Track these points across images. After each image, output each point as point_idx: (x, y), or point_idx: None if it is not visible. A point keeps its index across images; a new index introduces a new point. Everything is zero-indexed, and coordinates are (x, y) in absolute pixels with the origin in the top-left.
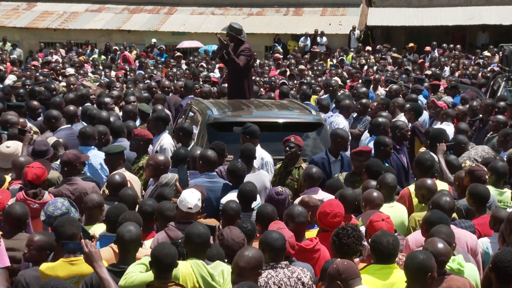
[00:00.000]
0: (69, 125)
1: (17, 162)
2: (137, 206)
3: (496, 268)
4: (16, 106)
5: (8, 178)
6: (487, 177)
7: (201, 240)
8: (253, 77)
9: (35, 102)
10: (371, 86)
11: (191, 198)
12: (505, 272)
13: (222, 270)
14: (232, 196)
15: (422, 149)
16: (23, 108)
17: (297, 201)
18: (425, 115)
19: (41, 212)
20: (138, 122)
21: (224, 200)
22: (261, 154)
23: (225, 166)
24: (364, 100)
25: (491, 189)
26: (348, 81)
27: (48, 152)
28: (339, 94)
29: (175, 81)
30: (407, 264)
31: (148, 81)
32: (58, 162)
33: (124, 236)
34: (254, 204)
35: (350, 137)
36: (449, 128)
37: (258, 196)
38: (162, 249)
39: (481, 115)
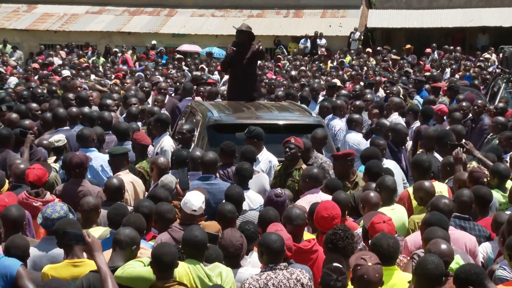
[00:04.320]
0: (67, 127)
1: (15, 167)
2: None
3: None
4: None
5: (6, 181)
6: (485, 180)
7: (199, 243)
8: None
9: (34, 104)
10: (372, 89)
11: (196, 200)
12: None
13: (220, 272)
14: None
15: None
16: (11, 109)
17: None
18: None
19: (39, 215)
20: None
21: None
22: (269, 157)
23: (233, 168)
24: (357, 102)
25: (495, 192)
26: (348, 83)
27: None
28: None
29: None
30: (421, 272)
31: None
32: (56, 165)
33: (121, 239)
34: (251, 207)
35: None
36: None
37: (261, 199)
38: (161, 248)
39: (471, 115)
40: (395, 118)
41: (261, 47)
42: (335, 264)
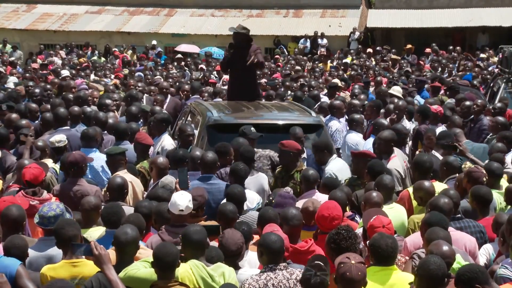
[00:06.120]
0: (68, 127)
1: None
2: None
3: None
4: None
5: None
6: (485, 179)
7: (199, 240)
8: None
9: (34, 104)
10: (373, 88)
11: (181, 200)
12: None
13: (223, 272)
14: None
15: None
16: (12, 108)
17: (299, 204)
18: None
19: (35, 215)
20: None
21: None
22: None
23: (227, 169)
24: (354, 101)
25: (495, 193)
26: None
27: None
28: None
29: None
30: (423, 273)
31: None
32: (55, 165)
33: (121, 238)
34: (248, 206)
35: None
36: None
37: (258, 198)
38: (162, 248)
39: (472, 116)
40: (409, 125)
41: (256, 60)
42: (317, 262)
